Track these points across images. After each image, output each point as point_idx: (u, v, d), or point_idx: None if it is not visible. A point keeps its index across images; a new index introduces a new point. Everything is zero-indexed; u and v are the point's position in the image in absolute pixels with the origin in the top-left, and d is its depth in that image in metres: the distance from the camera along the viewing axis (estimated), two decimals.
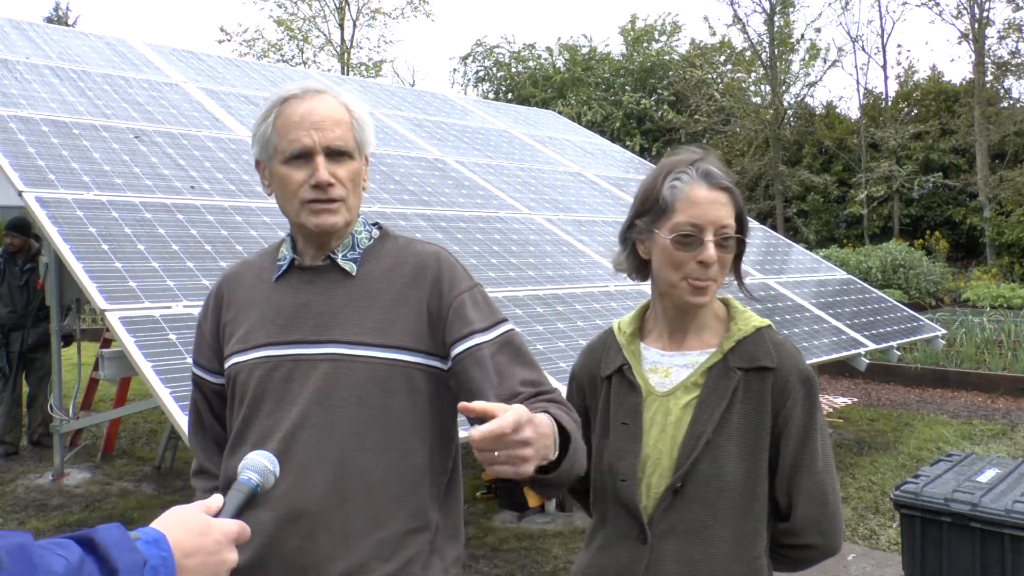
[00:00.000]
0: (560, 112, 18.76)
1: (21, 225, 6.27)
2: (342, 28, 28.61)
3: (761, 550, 1.48)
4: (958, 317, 11.03)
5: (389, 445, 1.42)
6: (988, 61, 19.88)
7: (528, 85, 26.89)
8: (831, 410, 7.42)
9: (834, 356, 5.40)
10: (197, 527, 1.03)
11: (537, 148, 7.91)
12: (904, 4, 29.61)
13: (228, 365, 1.51)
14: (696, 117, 22.91)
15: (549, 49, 28.23)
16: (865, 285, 7.49)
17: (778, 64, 21.90)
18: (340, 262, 1.49)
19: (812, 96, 26.94)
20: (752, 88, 23.81)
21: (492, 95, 28.17)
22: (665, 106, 24.89)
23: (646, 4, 43.94)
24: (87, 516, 4.81)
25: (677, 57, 26.26)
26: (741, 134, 22.98)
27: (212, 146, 5.00)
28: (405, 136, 6.73)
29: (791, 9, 22.03)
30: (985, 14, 19.74)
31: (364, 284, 1.48)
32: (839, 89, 53.43)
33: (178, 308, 3.23)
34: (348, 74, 26.19)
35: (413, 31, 49.94)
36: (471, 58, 29.27)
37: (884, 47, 26.76)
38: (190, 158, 4.70)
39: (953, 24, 27.15)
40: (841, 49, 24.54)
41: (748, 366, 1.47)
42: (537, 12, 55.56)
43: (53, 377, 5.43)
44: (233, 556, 1.06)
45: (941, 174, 20.01)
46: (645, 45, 27.09)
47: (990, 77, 20.10)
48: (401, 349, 1.44)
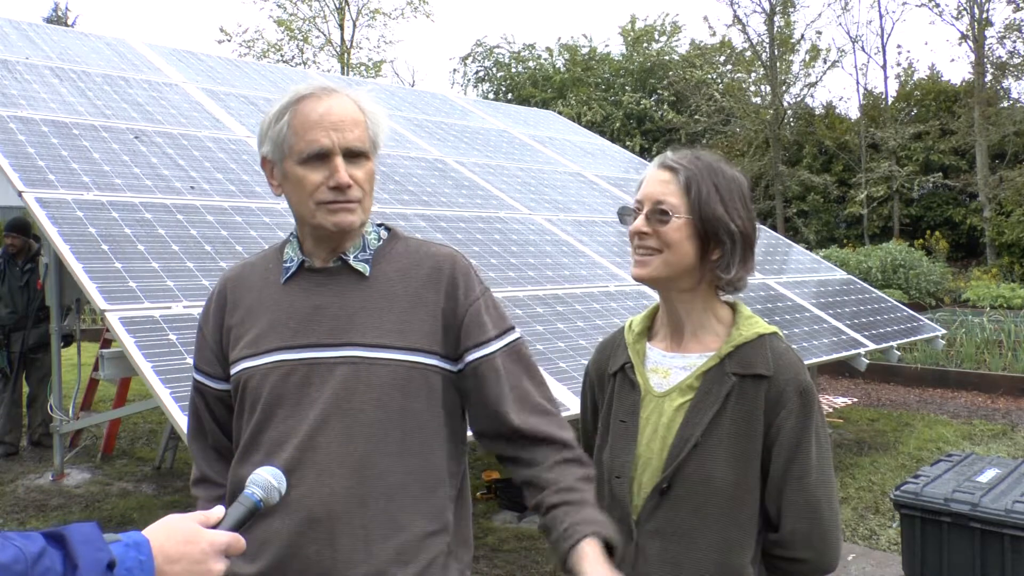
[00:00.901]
0: (560, 112, 18.77)
1: (21, 226, 6.27)
2: (342, 28, 28.63)
3: (748, 560, 1.46)
4: (958, 317, 11.02)
5: (409, 447, 1.41)
6: (988, 62, 19.89)
7: (528, 85, 26.92)
8: (831, 410, 7.42)
9: (834, 356, 5.41)
10: (184, 535, 1.04)
11: (537, 148, 7.91)
12: (904, 4, 29.71)
13: (237, 370, 1.46)
14: (696, 117, 22.94)
15: (549, 49, 28.27)
16: (865, 285, 7.49)
17: (778, 64, 21.91)
18: (353, 263, 1.47)
19: (812, 96, 26.99)
20: (752, 88, 23.81)
21: (492, 95, 28.18)
22: (665, 106, 24.92)
23: (646, 4, 44.04)
24: (87, 516, 4.81)
25: (677, 57, 26.28)
26: (741, 134, 22.99)
27: (212, 146, 5.00)
28: (405, 136, 6.73)
29: (791, 9, 22.05)
30: (985, 15, 19.74)
31: (379, 286, 1.46)
32: (839, 89, 53.52)
33: (178, 308, 3.23)
34: (348, 74, 26.16)
35: (413, 31, 50.00)
36: (471, 58, 29.33)
37: (884, 47, 26.84)
38: (190, 158, 4.70)
39: (953, 24, 27.13)
40: (841, 49, 24.55)
41: (743, 372, 1.47)
42: (537, 12, 55.65)
43: (53, 377, 5.43)
44: (220, 566, 1.06)
45: (941, 174, 20.02)
46: (645, 45, 27.12)
47: (990, 77, 20.10)
48: (420, 351, 1.43)
